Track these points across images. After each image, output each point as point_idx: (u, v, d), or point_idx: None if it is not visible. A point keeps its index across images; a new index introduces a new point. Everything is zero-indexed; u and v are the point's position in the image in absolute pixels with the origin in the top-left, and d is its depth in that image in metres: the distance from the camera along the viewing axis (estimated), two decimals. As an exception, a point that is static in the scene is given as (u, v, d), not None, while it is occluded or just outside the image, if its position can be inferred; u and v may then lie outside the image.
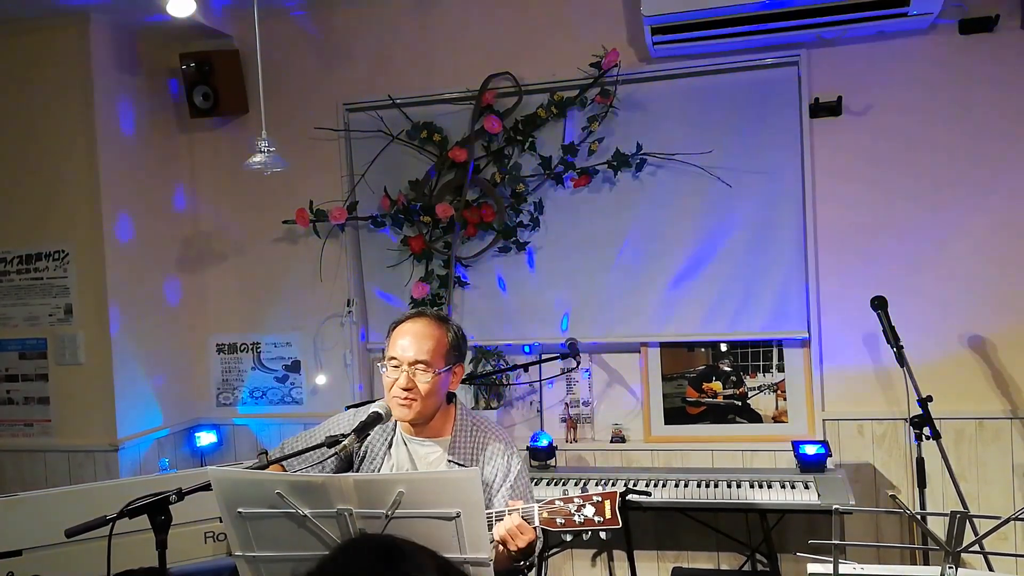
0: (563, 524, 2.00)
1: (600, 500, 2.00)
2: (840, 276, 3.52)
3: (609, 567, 3.78)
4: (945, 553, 1.73)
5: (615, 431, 3.81)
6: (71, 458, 3.73)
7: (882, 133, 3.47)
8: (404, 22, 3.92)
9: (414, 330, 2.22)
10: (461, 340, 2.29)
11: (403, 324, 2.26)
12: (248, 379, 4.18)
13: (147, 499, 1.92)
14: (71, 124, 3.70)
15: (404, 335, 2.22)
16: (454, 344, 2.25)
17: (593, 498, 2.00)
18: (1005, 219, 3.37)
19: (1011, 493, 3.37)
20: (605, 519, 1.99)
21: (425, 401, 2.19)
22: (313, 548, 1.87)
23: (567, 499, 2.01)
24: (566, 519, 2.00)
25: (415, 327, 2.23)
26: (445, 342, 2.23)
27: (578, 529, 2.00)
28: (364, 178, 3.96)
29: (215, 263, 4.21)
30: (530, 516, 2.02)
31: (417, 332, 2.21)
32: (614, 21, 3.68)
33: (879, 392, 3.49)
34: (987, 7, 3.33)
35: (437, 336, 2.22)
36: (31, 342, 3.79)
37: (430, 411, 2.23)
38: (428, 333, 2.21)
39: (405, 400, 2.18)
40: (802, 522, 3.49)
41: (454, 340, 2.25)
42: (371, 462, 2.29)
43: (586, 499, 2.01)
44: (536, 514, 2.02)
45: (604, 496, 2.00)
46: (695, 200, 3.63)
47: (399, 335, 2.23)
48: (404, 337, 2.22)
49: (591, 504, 2.00)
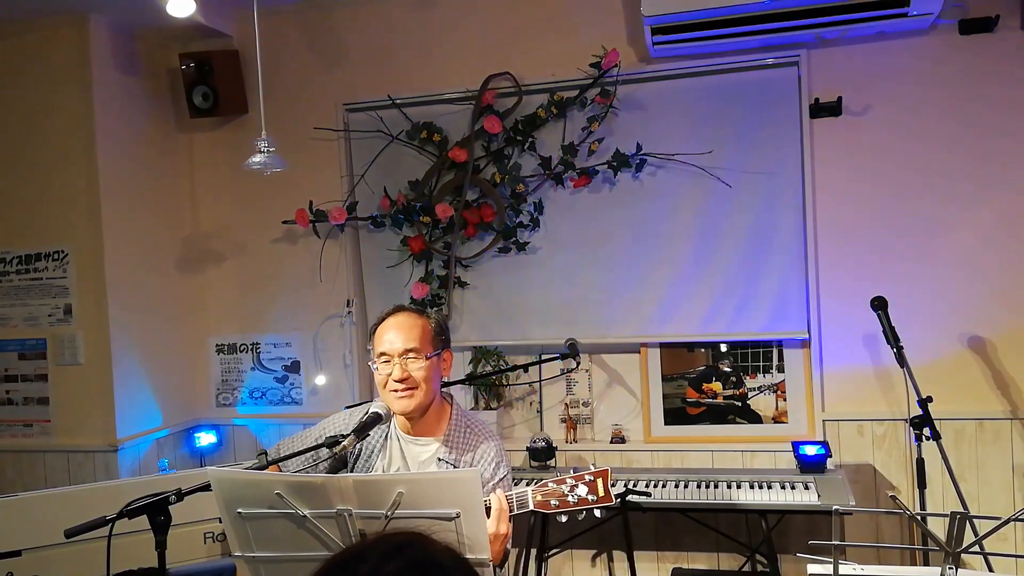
0: (557, 506, 2.02)
1: (592, 479, 2.03)
2: (840, 276, 3.52)
3: (609, 567, 3.78)
4: (945, 554, 1.73)
5: (615, 431, 3.81)
6: (70, 458, 3.73)
7: (882, 133, 3.47)
8: (404, 22, 3.92)
9: (397, 323, 2.25)
10: (443, 326, 2.33)
11: (385, 321, 2.29)
12: (248, 379, 4.18)
13: (146, 499, 1.92)
14: (71, 124, 3.70)
15: (389, 330, 2.24)
16: (437, 330, 2.28)
17: (585, 477, 2.03)
18: (1005, 219, 3.37)
19: (1011, 493, 3.37)
20: (599, 497, 2.02)
21: (423, 387, 2.19)
22: (313, 548, 1.87)
23: (560, 480, 2.04)
24: (560, 500, 2.02)
25: (397, 320, 2.26)
26: (429, 329, 2.26)
27: (573, 509, 2.02)
28: (364, 178, 3.96)
29: (215, 263, 4.21)
30: (524, 501, 2.04)
31: (400, 324, 2.25)
32: (614, 21, 3.68)
33: (879, 392, 3.49)
34: (987, 7, 3.33)
35: (421, 324, 2.25)
36: (31, 342, 3.79)
37: (430, 399, 2.23)
38: (411, 323, 2.25)
39: (404, 391, 2.19)
40: (802, 523, 3.49)
41: (436, 326, 2.29)
42: (365, 461, 2.29)
43: (578, 479, 2.03)
44: (531, 497, 2.04)
45: (596, 475, 2.03)
46: (695, 200, 3.63)
47: (384, 331, 2.26)
48: (389, 331, 2.24)
49: (583, 483, 2.02)
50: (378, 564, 0.95)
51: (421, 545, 1.00)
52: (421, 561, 0.98)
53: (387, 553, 0.97)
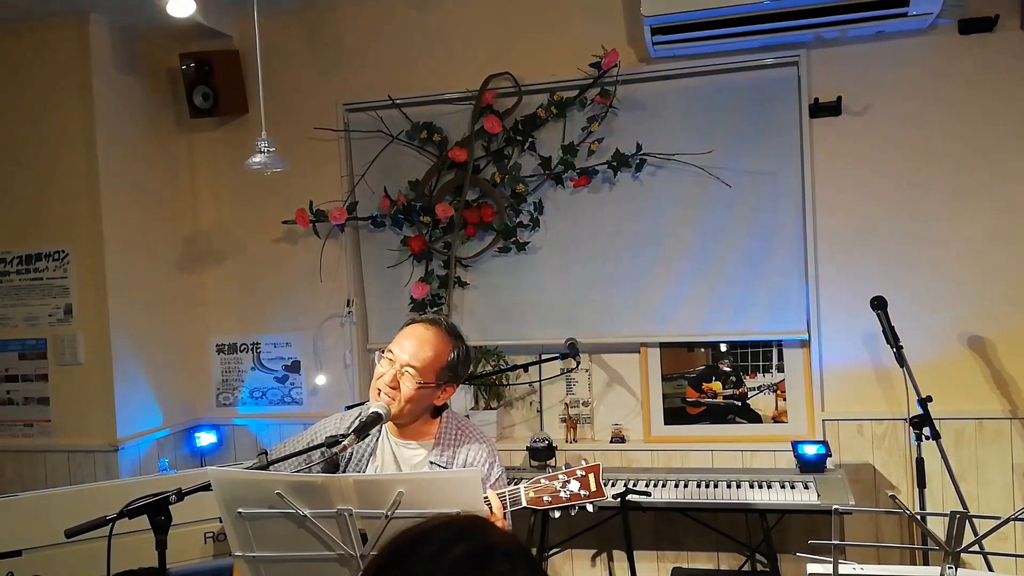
0: (550, 502, 2.03)
1: (584, 474, 2.03)
2: (840, 276, 3.52)
3: (609, 567, 3.78)
4: (945, 553, 1.73)
5: (615, 431, 3.81)
6: (71, 458, 3.73)
7: (882, 133, 3.47)
8: (404, 22, 3.92)
9: (420, 334, 2.19)
10: (462, 363, 2.23)
11: (415, 325, 2.23)
12: (248, 379, 4.18)
13: (147, 499, 1.92)
14: (71, 124, 3.70)
15: (410, 336, 2.19)
16: (452, 364, 2.20)
17: (577, 472, 2.04)
18: (1005, 218, 3.37)
19: (1011, 493, 3.37)
20: (591, 492, 2.02)
21: (404, 405, 2.16)
22: (313, 548, 1.87)
23: (552, 476, 2.05)
24: (553, 496, 2.03)
25: (424, 332, 2.19)
26: (444, 359, 2.18)
27: (565, 505, 2.03)
28: (364, 178, 3.96)
29: (215, 263, 4.21)
30: (517, 498, 2.04)
31: (422, 337, 2.18)
32: (614, 21, 3.68)
33: (879, 392, 3.49)
34: (987, 7, 3.33)
35: (439, 350, 2.17)
36: (31, 342, 3.79)
37: (407, 417, 2.20)
38: (432, 343, 2.17)
39: (385, 395, 2.17)
40: (802, 522, 3.49)
41: (454, 361, 2.20)
42: (357, 463, 2.27)
43: (570, 474, 2.04)
44: (523, 494, 2.04)
45: (588, 470, 2.04)
46: (695, 200, 3.63)
47: (405, 334, 2.21)
48: (409, 338, 2.19)
49: (575, 479, 2.03)
50: (442, 547, 0.98)
51: (483, 530, 1.03)
52: (484, 547, 1.00)
53: (450, 538, 0.99)
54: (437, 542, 0.98)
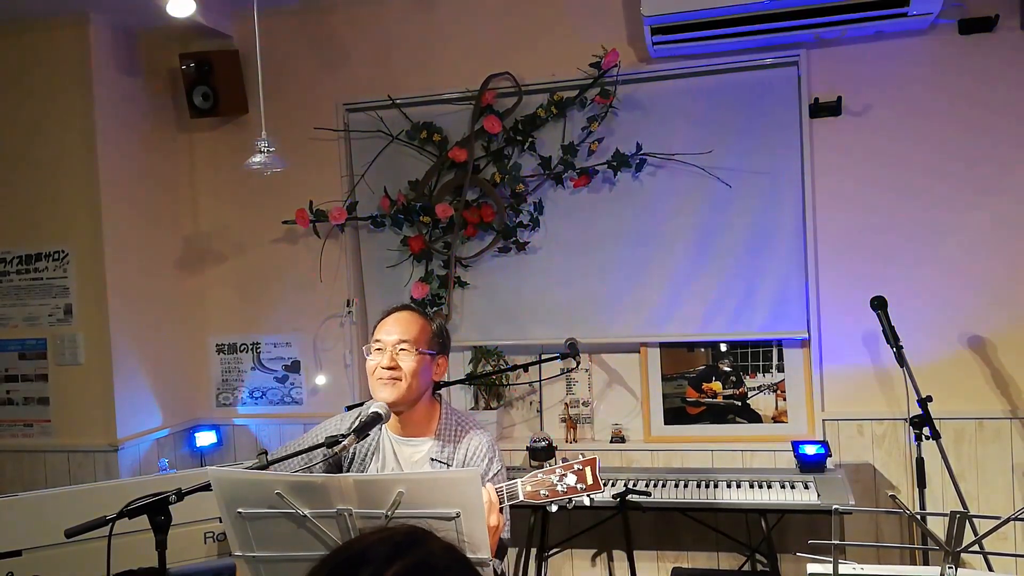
0: (547, 496, 2.04)
1: (580, 468, 2.04)
2: (840, 276, 3.52)
3: (609, 567, 3.78)
4: (945, 553, 1.73)
5: (615, 431, 3.81)
6: (71, 458, 3.73)
7: (882, 133, 3.47)
8: (404, 22, 3.93)
9: (399, 316, 2.32)
10: (444, 332, 2.37)
11: (388, 315, 2.34)
12: (248, 379, 4.18)
13: (147, 499, 1.92)
14: (71, 124, 3.70)
15: (391, 322, 2.30)
16: (437, 332, 2.33)
17: (574, 466, 2.05)
18: (1005, 218, 3.37)
19: (1011, 493, 3.37)
20: (587, 485, 2.03)
21: (409, 381, 2.21)
22: (313, 548, 1.87)
23: (549, 471, 2.06)
24: (550, 490, 2.04)
25: (401, 314, 2.33)
26: (429, 330, 2.31)
27: (562, 498, 2.04)
28: (364, 178, 3.96)
29: (215, 263, 4.21)
30: (515, 492, 2.06)
31: (400, 318, 2.31)
32: (614, 21, 3.68)
33: (879, 392, 3.50)
34: (987, 7, 3.33)
35: (422, 324, 2.30)
36: (31, 342, 3.79)
37: (414, 394, 2.24)
38: (411, 320, 2.30)
39: (388, 379, 2.20)
40: (802, 522, 3.49)
41: (437, 330, 2.33)
42: (360, 463, 2.29)
43: (567, 468, 2.05)
44: (520, 488, 2.05)
45: (584, 463, 2.05)
46: (695, 200, 3.63)
47: (386, 323, 2.32)
48: (390, 323, 2.30)
49: (572, 472, 2.04)
50: (380, 568, 0.95)
51: (422, 544, 1.00)
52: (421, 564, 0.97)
53: (389, 556, 0.97)
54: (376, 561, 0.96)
